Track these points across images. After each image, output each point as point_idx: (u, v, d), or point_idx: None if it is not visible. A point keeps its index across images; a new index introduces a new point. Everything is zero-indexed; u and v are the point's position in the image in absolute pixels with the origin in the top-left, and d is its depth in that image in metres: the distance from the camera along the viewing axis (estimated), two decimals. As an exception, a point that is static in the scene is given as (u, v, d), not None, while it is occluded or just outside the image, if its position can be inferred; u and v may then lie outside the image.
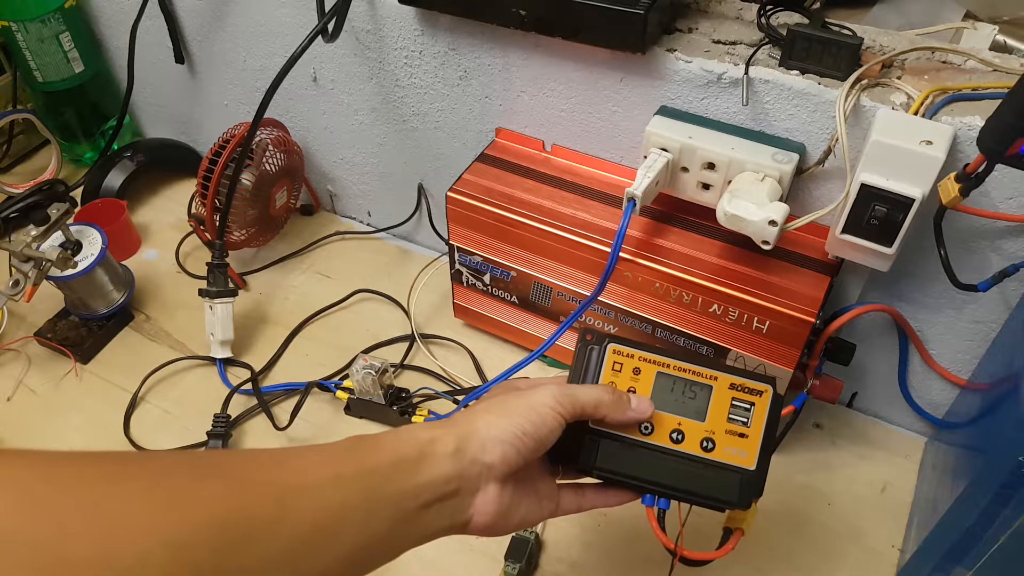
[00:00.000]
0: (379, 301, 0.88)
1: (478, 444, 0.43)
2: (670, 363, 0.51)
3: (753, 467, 0.49)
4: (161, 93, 1.01)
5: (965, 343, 0.66)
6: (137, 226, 0.97)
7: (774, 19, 0.63)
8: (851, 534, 0.67)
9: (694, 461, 0.50)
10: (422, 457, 0.41)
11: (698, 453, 0.50)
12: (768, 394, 0.50)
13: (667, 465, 0.50)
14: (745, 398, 0.50)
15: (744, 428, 0.50)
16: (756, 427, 0.50)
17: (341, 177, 0.95)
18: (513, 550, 0.64)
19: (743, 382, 0.51)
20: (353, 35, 0.77)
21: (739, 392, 0.50)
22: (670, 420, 0.50)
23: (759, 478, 0.49)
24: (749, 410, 0.50)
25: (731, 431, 0.50)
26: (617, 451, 0.50)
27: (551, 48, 0.68)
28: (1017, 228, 0.57)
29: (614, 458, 0.50)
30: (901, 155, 0.52)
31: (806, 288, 0.62)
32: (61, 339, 0.83)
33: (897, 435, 0.75)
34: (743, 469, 0.49)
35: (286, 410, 0.75)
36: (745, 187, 0.60)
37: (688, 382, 0.51)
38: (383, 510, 0.39)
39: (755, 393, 0.50)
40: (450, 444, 0.42)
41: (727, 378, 0.51)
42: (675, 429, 0.50)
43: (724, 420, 0.50)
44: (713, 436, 0.50)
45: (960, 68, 0.59)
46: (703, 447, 0.50)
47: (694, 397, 0.51)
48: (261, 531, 0.34)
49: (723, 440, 0.50)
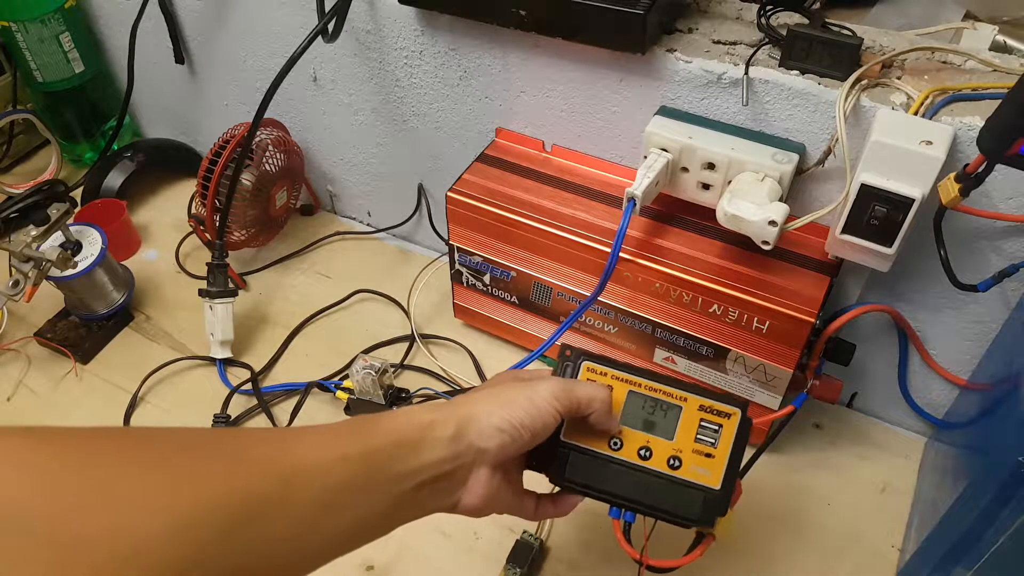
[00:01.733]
0: (379, 301, 0.88)
1: (476, 430, 0.44)
2: (642, 382, 0.53)
3: (718, 487, 0.51)
4: (161, 93, 1.01)
5: (965, 343, 0.66)
6: (137, 226, 0.97)
7: (774, 19, 0.63)
8: (851, 534, 0.67)
9: (660, 478, 0.51)
10: (422, 440, 0.43)
11: (664, 470, 0.51)
12: (736, 417, 0.51)
13: (634, 480, 0.51)
14: (714, 419, 0.52)
15: (711, 448, 0.51)
16: (723, 448, 0.51)
17: (341, 177, 0.95)
18: (516, 554, 0.64)
19: (712, 404, 0.52)
20: (353, 35, 0.77)
21: (708, 414, 0.52)
22: (639, 437, 0.52)
23: (723, 497, 0.51)
24: (717, 431, 0.51)
25: (698, 451, 0.51)
26: (586, 465, 0.52)
27: (551, 48, 0.68)
28: (1017, 228, 0.57)
29: (583, 471, 0.51)
30: (901, 155, 0.52)
31: (806, 288, 0.62)
32: (61, 339, 0.83)
33: (897, 435, 0.75)
34: (707, 488, 0.51)
35: (286, 410, 0.75)
36: (745, 187, 0.60)
37: (658, 401, 0.52)
38: (382, 490, 0.40)
39: (723, 416, 0.52)
40: (449, 427, 0.44)
41: (697, 400, 0.52)
42: (643, 446, 0.51)
43: (692, 440, 0.51)
44: (680, 455, 0.51)
45: (960, 68, 0.59)
46: (670, 464, 0.51)
47: (664, 416, 0.52)
48: (266, 510, 0.35)
49: (690, 459, 0.51)
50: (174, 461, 0.34)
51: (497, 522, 0.67)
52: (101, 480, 0.31)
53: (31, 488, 0.29)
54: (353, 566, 0.65)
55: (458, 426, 0.44)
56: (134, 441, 0.35)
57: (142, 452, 0.34)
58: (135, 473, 0.32)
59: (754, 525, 0.67)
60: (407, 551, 0.66)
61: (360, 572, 0.65)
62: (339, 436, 0.41)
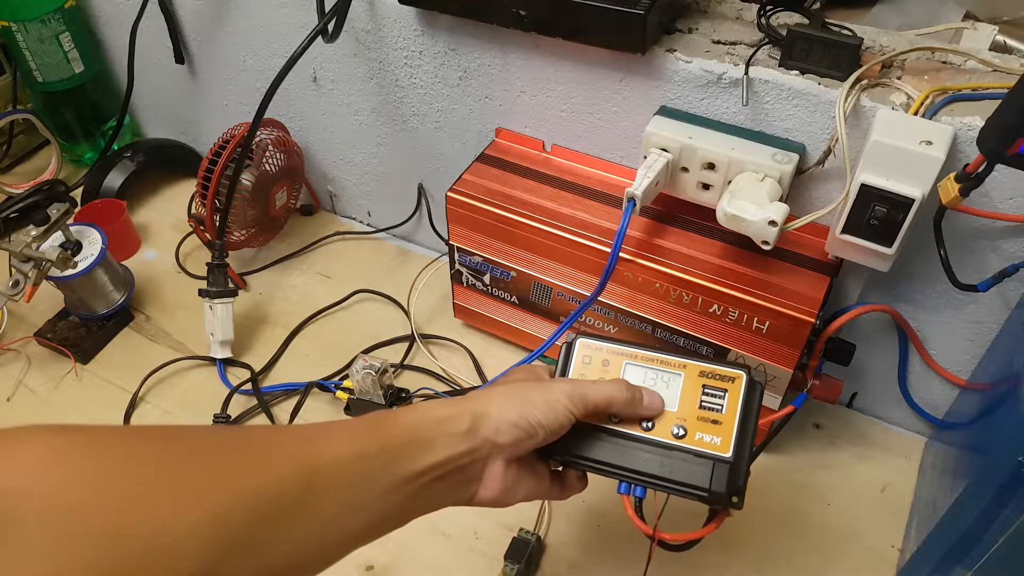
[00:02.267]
0: (379, 301, 0.88)
1: (491, 426, 0.45)
2: (637, 353, 0.52)
3: (728, 453, 0.48)
4: (161, 93, 1.01)
5: (965, 343, 0.66)
6: (137, 226, 0.97)
7: (774, 19, 0.63)
8: (851, 534, 0.67)
9: (666, 448, 0.49)
10: (437, 435, 0.43)
11: (669, 440, 0.49)
12: (741, 380, 0.50)
13: (639, 453, 0.49)
14: (717, 385, 0.50)
15: (717, 415, 0.49)
16: (730, 413, 0.49)
17: (341, 177, 0.95)
18: (513, 551, 0.64)
19: (713, 369, 0.50)
20: (353, 35, 0.77)
21: (710, 379, 0.50)
22: None
23: (737, 464, 0.48)
24: (722, 397, 0.50)
25: (703, 418, 0.49)
26: (588, 439, 0.50)
27: (551, 48, 0.68)
28: (1017, 228, 0.57)
29: (586, 446, 0.50)
30: (901, 155, 0.52)
31: (806, 288, 0.62)
32: (61, 339, 0.83)
33: (897, 435, 0.75)
34: (717, 456, 0.48)
35: (286, 410, 0.75)
36: (745, 187, 0.60)
37: (657, 371, 0.51)
38: (400, 486, 0.41)
39: (727, 380, 0.50)
40: (464, 423, 0.44)
41: (697, 366, 0.51)
42: None
43: (695, 407, 0.50)
44: (684, 423, 0.49)
45: (960, 68, 0.59)
46: (674, 434, 0.49)
47: (665, 386, 0.51)
48: (291, 505, 0.36)
49: (695, 427, 0.49)
50: (205, 458, 0.35)
51: (497, 521, 0.67)
52: (138, 478, 0.32)
53: (72, 486, 0.30)
54: (353, 566, 0.65)
55: (472, 421, 0.44)
56: (165, 440, 0.36)
57: (174, 450, 0.35)
58: (168, 470, 0.34)
59: (754, 525, 0.67)
60: (407, 551, 0.66)
61: (360, 572, 0.65)
62: (357, 433, 0.42)
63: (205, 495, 0.33)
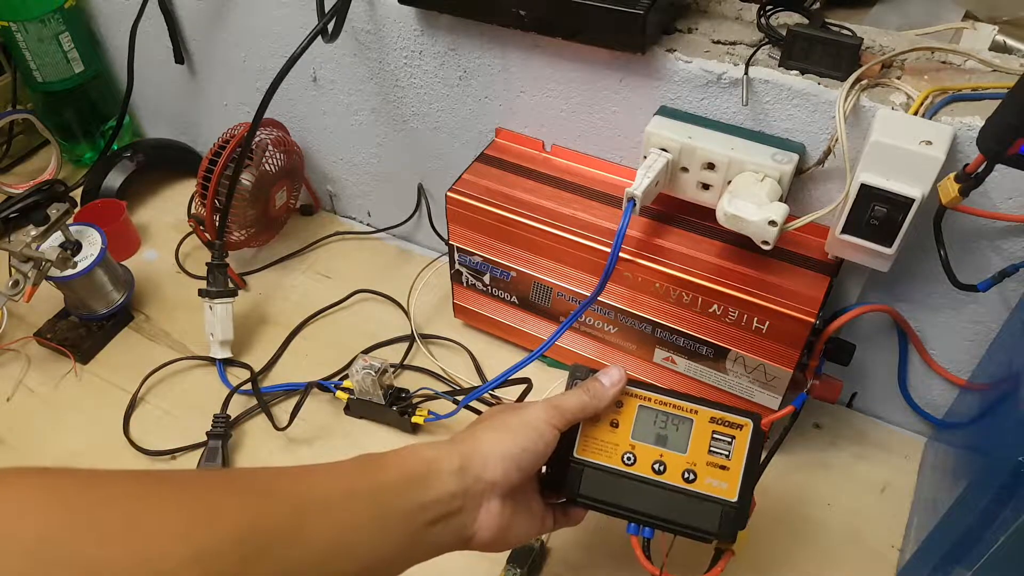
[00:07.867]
0: (379, 301, 0.88)
1: (480, 461, 0.45)
2: (651, 396, 0.53)
3: (735, 499, 0.50)
4: (161, 93, 1.01)
5: (965, 343, 0.66)
6: (137, 226, 0.97)
7: (774, 19, 0.63)
8: (851, 534, 0.67)
9: (676, 492, 0.51)
10: (428, 473, 0.43)
11: (680, 484, 0.51)
12: (749, 428, 0.52)
13: (649, 495, 0.51)
14: (726, 431, 0.52)
15: (725, 460, 0.51)
16: (737, 460, 0.51)
17: (341, 177, 0.95)
18: (516, 555, 0.64)
19: (724, 416, 0.52)
20: (353, 35, 0.77)
21: (719, 426, 0.52)
22: (652, 451, 0.52)
23: (742, 509, 0.50)
24: (730, 443, 0.52)
25: (712, 463, 0.51)
26: (600, 480, 0.52)
27: (551, 48, 0.68)
28: (1017, 228, 0.57)
29: (597, 487, 0.52)
30: (901, 155, 0.52)
31: (806, 288, 0.62)
32: (61, 339, 0.83)
33: (897, 435, 0.75)
34: (724, 500, 0.51)
35: (286, 410, 0.75)
36: (745, 187, 0.60)
37: (669, 415, 0.52)
38: (393, 526, 0.41)
39: (735, 427, 0.52)
40: (454, 462, 0.44)
41: (708, 412, 0.52)
42: (657, 460, 0.52)
43: (705, 452, 0.52)
44: (695, 468, 0.51)
45: (960, 68, 0.59)
46: (684, 478, 0.51)
47: (676, 430, 0.52)
48: (282, 542, 0.36)
49: (704, 472, 0.51)
50: (195, 494, 0.35)
51: (497, 522, 0.67)
52: (126, 513, 0.32)
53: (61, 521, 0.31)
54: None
55: (462, 460, 0.45)
56: (154, 479, 0.37)
57: (162, 488, 0.35)
58: (160, 506, 0.34)
59: (754, 525, 0.67)
60: (407, 551, 0.66)
61: (360, 572, 0.65)
62: (345, 473, 0.42)
63: (195, 528, 0.33)
